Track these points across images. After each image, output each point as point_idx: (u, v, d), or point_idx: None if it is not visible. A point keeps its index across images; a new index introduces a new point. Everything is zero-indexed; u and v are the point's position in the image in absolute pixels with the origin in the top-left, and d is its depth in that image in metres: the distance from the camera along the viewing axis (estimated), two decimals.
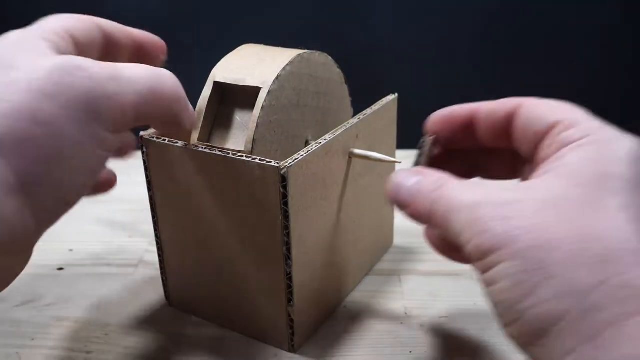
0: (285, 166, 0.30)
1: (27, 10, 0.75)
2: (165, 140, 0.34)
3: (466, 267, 0.45)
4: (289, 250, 0.32)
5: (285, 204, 0.31)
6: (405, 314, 0.39)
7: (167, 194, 0.36)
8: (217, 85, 0.35)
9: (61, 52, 0.28)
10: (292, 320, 0.34)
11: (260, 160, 0.31)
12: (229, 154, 0.32)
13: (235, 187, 0.32)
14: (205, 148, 0.33)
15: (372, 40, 0.76)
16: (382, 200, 0.43)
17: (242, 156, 0.31)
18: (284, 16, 0.74)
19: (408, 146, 0.44)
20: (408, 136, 0.43)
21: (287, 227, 0.31)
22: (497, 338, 0.36)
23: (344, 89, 0.41)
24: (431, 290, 0.42)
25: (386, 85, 0.42)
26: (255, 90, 0.33)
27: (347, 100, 0.42)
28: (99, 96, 0.25)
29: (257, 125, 0.33)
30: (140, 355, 0.36)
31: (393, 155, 0.44)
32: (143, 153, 0.36)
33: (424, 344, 0.36)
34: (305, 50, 0.36)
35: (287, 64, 0.34)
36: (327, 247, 0.36)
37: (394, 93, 0.42)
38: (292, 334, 0.35)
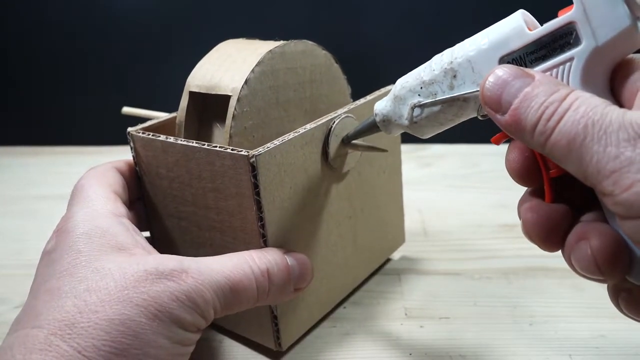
0: (254, 155, 0.29)
1: (27, 9, 0.75)
2: (149, 134, 0.34)
3: (466, 267, 0.45)
4: (265, 242, 0.31)
5: (258, 194, 0.30)
6: (406, 314, 0.39)
7: (154, 187, 0.36)
8: (193, 94, 0.35)
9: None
10: (275, 317, 0.34)
11: (232, 150, 0.30)
12: (204, 145, 0.31)
13: (211, 178, 0.32)
14: (183, 141, 0.33)
15: (372, 38, 0.76)
16: (387, 196, 0.42)
17: (215, 147, 0.31)
18: (283, 15, 0.74)
19: (409, 140, 0.43)
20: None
21: (261, 219, 0.31)
22: (497, 338, 0.36)
23: (335, 69, 0.40)
24: (431, 290, 0.42)
25: (386, 83, 0.42)
26: (227, 99, 0.33)
27: (341, 80, 0.41)
28: (185, 306, 0.27)
29: (230, 136, 0.32)
30: None
31: (397, 147, 0.42)
32: (131, 148, 0.36)
33: (423, 346, 0.36)
34: (277, 44, 0.35)
35: (256, 65, 0.33)
36: (316, 242, 0.35)
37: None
38: (278, 331, 0.34)
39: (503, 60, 0.24)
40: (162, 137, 0.33)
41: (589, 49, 0.22)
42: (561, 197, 0.25)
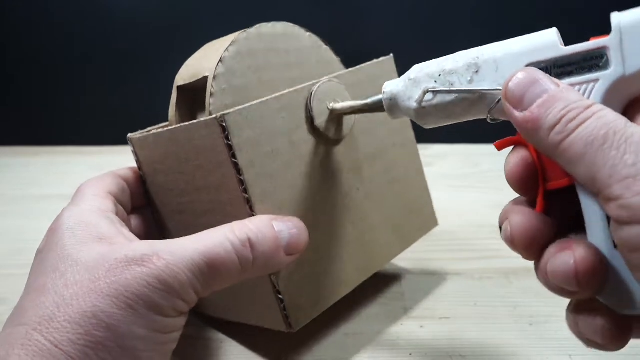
0: (222, 114, 0.29)
1: (27, 9, 0.75)
2: (143, 132, 0.35)
3: (466, 267, 0.45)
4: (251, 208, 0.30)
5: (234, 155, 0.29)
6: (406, 314, 0.39)
7: (155, 186, 0.36)
8: (182, 88, 0.35)
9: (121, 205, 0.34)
10: (279, 292, 0.32)
11: (204, 118, 0.30)
12: (183, 123, 0.31)
13: (195, 156, 0.32)
14: (167, 128, 0.33)
15: (372, 38, 0.76)
16: (404, 171, 0.40)
17: (192, 121, 0.31)
18: (283, 15, 0.74)
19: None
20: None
21: (242, 182, 0.30)
22: (497, 338, 0.36)
23: (324, 51, 0.39)
24: (431, 290, 0.42)
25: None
26: (206, 81, 0.33)
27: (335, 63, 0.40)
28: (158, 290, 0.26)
29: (210, 113, 0.32)
30: None
31: (407, 121, 0.40)
32: (133, 152, 0.36)
33: (423, 346, 0.36)
34: (256, 26, 0.35)
35: (230, 44, 0.33)
36: (316, 213, 0.34)
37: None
38: (285, 309, 0.32)
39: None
40: (153, 131, 0.34)
41: (616, 75, 0.23)
42: (548, 213, 0.25)
